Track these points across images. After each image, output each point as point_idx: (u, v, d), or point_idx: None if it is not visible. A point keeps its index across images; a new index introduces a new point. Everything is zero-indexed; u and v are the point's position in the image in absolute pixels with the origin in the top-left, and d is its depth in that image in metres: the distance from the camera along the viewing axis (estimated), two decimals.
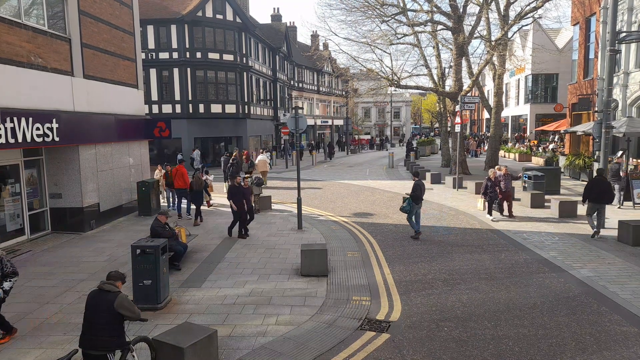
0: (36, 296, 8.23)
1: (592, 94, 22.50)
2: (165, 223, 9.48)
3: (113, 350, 4.90)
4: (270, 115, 39.09)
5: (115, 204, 14.67)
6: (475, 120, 59.31)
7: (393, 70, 25.45)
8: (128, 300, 5.04)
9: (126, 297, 5.06)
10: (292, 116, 13.08)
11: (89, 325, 4.86)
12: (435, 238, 12.02)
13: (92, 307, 4.92)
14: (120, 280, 5.22)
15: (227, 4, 29.68)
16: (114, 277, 5.17)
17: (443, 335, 6.64)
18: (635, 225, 10.88)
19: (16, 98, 10.28)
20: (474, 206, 16.08)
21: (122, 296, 5.00)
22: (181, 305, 7.74)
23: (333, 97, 57.14)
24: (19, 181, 11.90)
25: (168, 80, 29.33)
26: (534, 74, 37.64)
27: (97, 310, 4.88)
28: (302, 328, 6.87)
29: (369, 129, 75.55)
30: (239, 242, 11.74)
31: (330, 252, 10.67)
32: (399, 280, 8.90)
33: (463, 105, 21.49)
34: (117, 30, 14.97)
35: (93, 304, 4.93)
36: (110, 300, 4.88)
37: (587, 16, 23.21)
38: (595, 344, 6.27)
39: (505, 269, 9.44)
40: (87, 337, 4.84)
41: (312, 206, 16.78)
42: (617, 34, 12.55)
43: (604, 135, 12.77)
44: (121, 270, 9.54)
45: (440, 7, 24.09)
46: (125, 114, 15.13)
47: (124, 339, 5.02)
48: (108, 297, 4.92)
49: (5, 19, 10.07)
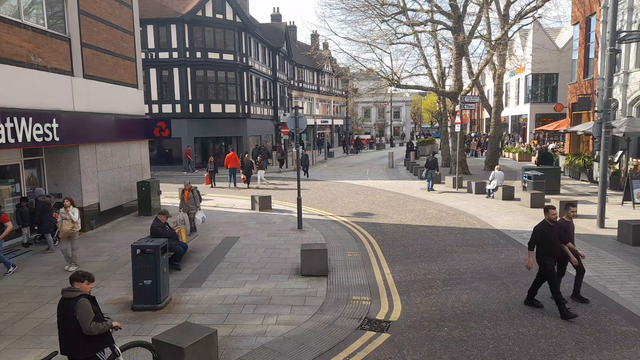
0: (36, 296, 8.23)
1: (592, 94, 22.50)
2: (165, 223, 9.49)
3: (93, 353, 4.69)
4: (270, 115, 39.08)
5: (115, 203, 14.67)
6: (475, 120, 59.27)
7: (393, 70, 25.46)
8: (84, 308, 4.59)
9: (84, 304, 4.60)
10: (292, 116, 13.07)
11: (60, 332, 4.68)
12: (435, 238, 12.02)
13: (59, 315, 4.70)
14: (78, 280, 4.77)
15: (227, 4, 29.66)
16: (71, 280, 4.79)
17: (443, 334, 6.64)
18: (635, 225, 10.89)
19: (16, 98, 10.28)
20: (474, 206, 16.08)
21: (80, 303, 4.59)
22: (181, 305, 7.74)
23: (333, 97, 57.12)
24: (19, 181, 11.90)
25: (168, 80, 29.32)
26: (534, 74, 37.62)
27: (63, 319, 4.66)
28: (302, 328, 6.87)
29: (369, 129, 75.56)
30: (239, 242, 11.74)
31: (330, 252, 10.67)
32: (399, 280, 8.90)
33: (463, 105, 21.49)
34: (117, 30, 14.97)
35: (59, 312, 4.70)
36: (71, 309, 4.58)
37: (587, 16, 23.20)
38: (595, 344, 6.27)
39: (505, 269, 9.44)
40: (61, 343, 4.70)
41: (312, 206, 16.78)
42: (617, 33, 12.54)
43: (604, 135, 12.76)
44: (121, 270, 9.64)
45: (440, 7, 24.12)
46: (125, 114, 15.13)
47: (101, 342, 4.77)
48: (69, 305, 4.61)
49: (5, 18, 10.06)
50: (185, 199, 12.64)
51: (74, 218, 9.63)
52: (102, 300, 7.56)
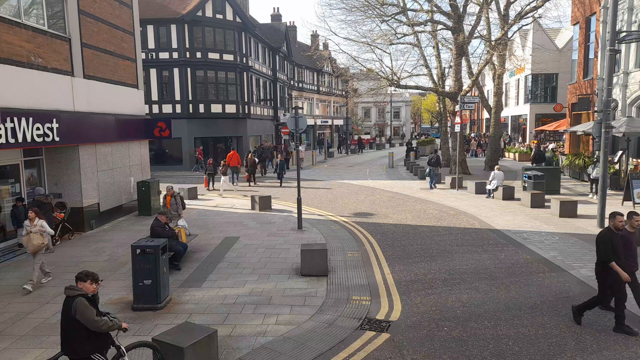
0: (36, 296, 8.23)
1: (592, 94, 22.50)
2: (165, 223, 9.48)
3: (89, 355, 4.66)
4: (270, 115, 39.07)
5: (115, 203, 14.67)
6: (475, 120, 59.27)
7: (393, 70, 25.48)
8: (84, 307, 4.56)
9: (82, 302, 4.57)
10: (292, 116, 13.07)
11: (61, 332, 4.68)
12: (436, 238, 12.02)
13: (62, 314, 4.68)
14: (81, 280, 4.73)
15: (227, 4, 29.66)
16: (77, 279, 4.76)
17: (443, 334, 6.64)
18: None
19: (16, 98, 10.28)
20: (474, 206, 16.09)
21: (79, 301, 4.56)
22: (181, 305, 7.74)
23: (333, 97, 57.11)
24: (19, 181, 11.90)
25: (168, 80, 29.32)
26: (533, 74, 37.62)
27: (64, 319, 4.64)
28: (302, 328, 6.87)
29: (369, 129, 75.57)
30: (239, 242, 11.74)
31: (330, 251, 10.67)
32: (399, 280, 8.90)
33: (463, 105, 21.49)
34: (117, 30, 14.97)
35: (62, 311, 4.68)
36: (69, 307, 4.57)
37: (587, 16, 23.21)
38: (595, 344, 6.27)
39: (505, 269, 9.44)
40: (62, 342, 4.69)
41: (312, 206, 16.78)
42: (617, 33, 12.54)
43: (604, 135, 12.77)
44: (121, 270, 9.63)
45: (440, 7, 24.13)
46: (125, 114, 15.13)
47: (99, 344, 4.74)
48: (69, 304, 4.59)
49: (5, 18, 10.06)
50: (168, 205, 11.78)
51: (47, 230, 8.67)
52: (102, 300, 7.54)
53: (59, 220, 11.73)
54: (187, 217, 14.80)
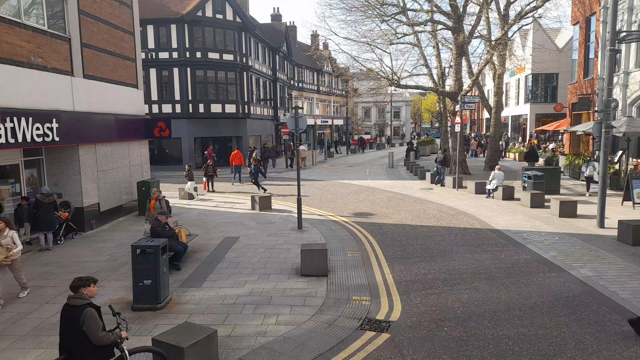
0: (36, 296, 8.23)
1: (592, 94, 22.49)
2: (165, 223, 9.49)
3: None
4: (270, 115, 39.07)
5: (115, 203, 14.67)
6: (475, 120, 59.26)
7: (393, 69, 25.46)
8: (94, 319, 4.47)
9: (92, 314, 4.47)
10: (292, 116, 13.07)
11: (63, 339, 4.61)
12: (435, 238, 12.02)
13: (63, 322, 4.57)
14: (85, 286, 4.61)
15: (227, 4, 29.66)
16: (77, 287, 4.59)
17: (443, 335, 6.64)
18: (635, 225, 10.88)
19: (16, 98, 10.28)
20: (474, 206, 16.08)
21: (88, 313, 4.45)
22: (181, 305, 7.74)
23: (333, 97, 57.11)
24: (19, 181, 11.90)
25: (168, 80, 29.32)
26: (534, 74, 37.61)
27: (68, 327, 4.53)
28: (302, 328, 6.87)
29: (369, 129, 75.55)
30: (239, 242, 11.74)
31: (330, 251, 10.67)
32: (399, 280, 8.90)
33: (463, 105, 21.48)
34: (117, 30, 14.97)
35: (64, 320, 4.57)
36: (77, 318, 4.43)
37: (587, 16, 23.20)
38: (595, 344, 6.27)
39: (505, 269, 9.44)
40: (62, 349, 4.62)
41: (312, 206, 16.78)
42: (617, 33, 12.53)
43: (604, 135, 12.76)
44: (121, 270, 9.63)
45: (440, 7, 24.12)
46: (125, 114, 15.13)
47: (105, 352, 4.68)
48: (75, 313, 4.45)
49: (5, 18, 10.06)
50: (152, 209, 11.40)
51: (17, 243, 7.90)
52: (102, 300, 7.56)
53: (63, 220, 11.75)
54: (187, 217, 14.84)
